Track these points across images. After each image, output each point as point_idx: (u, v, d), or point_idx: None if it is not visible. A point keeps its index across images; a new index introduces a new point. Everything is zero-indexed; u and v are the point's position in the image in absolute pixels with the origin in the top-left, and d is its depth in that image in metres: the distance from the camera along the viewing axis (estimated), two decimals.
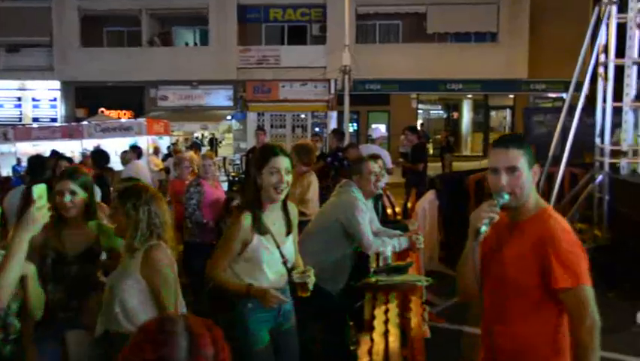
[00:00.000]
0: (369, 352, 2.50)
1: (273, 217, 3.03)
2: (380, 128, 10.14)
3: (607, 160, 7.59)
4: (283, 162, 2.97)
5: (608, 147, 7.60)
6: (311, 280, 2.85)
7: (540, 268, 2.21)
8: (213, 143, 26.87)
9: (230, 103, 25.95)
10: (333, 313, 4.31)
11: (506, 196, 2.27)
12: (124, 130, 16.63)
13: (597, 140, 7.96)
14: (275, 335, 3.00)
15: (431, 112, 28.99)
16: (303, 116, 25.88)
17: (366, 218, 4.30)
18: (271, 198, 2.99)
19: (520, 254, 2.27)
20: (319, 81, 25.03)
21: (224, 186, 11.19)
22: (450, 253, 8.33)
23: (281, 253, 2.99)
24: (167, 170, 12.09)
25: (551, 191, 8.58)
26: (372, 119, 24.79)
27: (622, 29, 7.48)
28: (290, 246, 3.08)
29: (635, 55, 7.43)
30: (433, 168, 14.05)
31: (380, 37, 26.46)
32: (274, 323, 2.98)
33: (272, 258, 2.96)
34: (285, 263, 3.01)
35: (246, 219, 2.94)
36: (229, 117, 26.19)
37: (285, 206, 3.08)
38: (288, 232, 3.08)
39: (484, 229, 2.22)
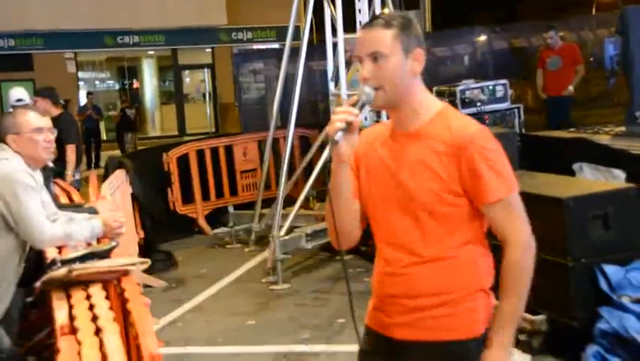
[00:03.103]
0: (79, 355, 2.38)
1: None
2: (20, 91, 9.38)
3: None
4: None
5: (345, 92, 8.36)
6: None
7: (459, 179, 2.34)
8: None
9: None
10: None
11: (369, 90, 2.32)
12: None
13: (330, 85, 8.74)
14: None
15: (97, 82, 28.54)
16: None
17: (37, 198, 4.05)
18: None
19: (422, 166, 2.37)
20: None
21: None
22: (153, 258, 8.42)
23: None
24: None
25: (279, 161, 9.18)
26: (8, 91, 23.45)
27: None
28: None
29: None
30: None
31: None
32: None
33: None
34: None
35: None
36: None
37: None
38: None
39: (339, 135, 2.23)
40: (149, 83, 29.17)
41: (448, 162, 2.34)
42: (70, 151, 8.48)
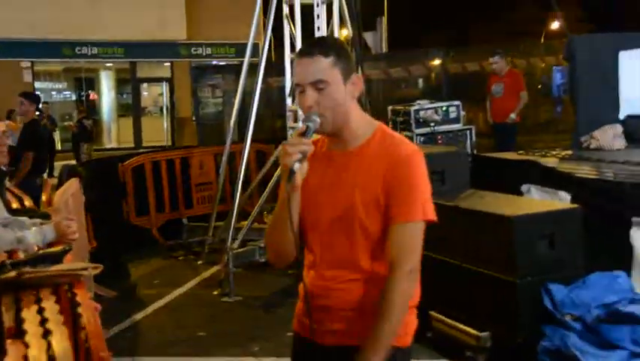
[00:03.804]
0: (25, 358, 2.33)
1: None
2: None
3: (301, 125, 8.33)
4: None
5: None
6: None
7: (386, 195, 2.38)
8: None
9: None
10: None
11: (315, 117, 2.35)
12: None
13: (288, 101, 8.73)
14: None
15: (54, 93, 28.18)
16: None
17: None
18: None
19: (363, 185, 2.41)
20: None
21: None
22: (106, 268, 8.29)
23: None
24: None
25: (234, 175, 9.14)
26: None
27: None
28: None
29: None
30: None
31: None
32: None
33: None
34: None
35: None
36: None
37: None
38: None
39: (297, 166, 2.27)
40: (107, 95, 28.86)
41: (382, 180, 2.39)
42: (27, 158, 8.47)
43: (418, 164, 2.41)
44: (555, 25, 33.92)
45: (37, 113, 9.34)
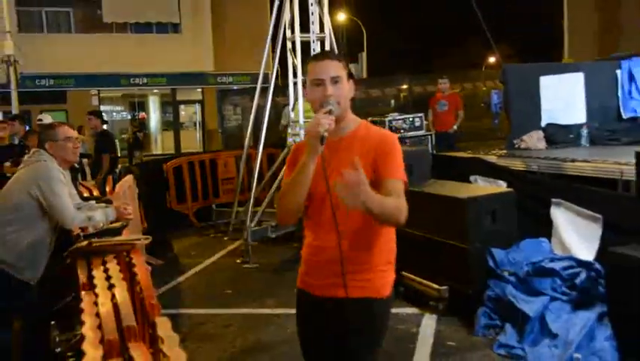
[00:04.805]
0: (95, 304, 2.32)
1: None
2: (49, 117, 9.74)
3: (302, 134, 8.36)
4: None
5: (302, 119, 8.36)
6: None
7: (376, 164, 2.37)
8: None
9: None
10: (32, 310, 3.88)
11: (333, 102, 2.35)
12: None
13: (291, 114, 8.72)
14: None
15: (114, 114, 28.11)
16: None
17: (66, 190, 3.95)
18: None
19: (354, 160, 2.33)
20: None
21: None
22: (154, 243, 8.27)
23: None
24: None
25: (251, 172, 9.12)
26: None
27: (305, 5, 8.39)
28: None
29: (317, 30, 8.37)
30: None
31: (48, 26, 24.79)
32: None
33: None
34: None
35: None
36: None
37: None
38: None
39: (326, 134, 2.25)
40: (154, 114, 28.81)
41: (371, 153, 2.39)
42: (105, 159, 8.55)
43: (397, 143, 2.45)
44: (492, 59, 33.94)
45: (104, 126, 9.38)
